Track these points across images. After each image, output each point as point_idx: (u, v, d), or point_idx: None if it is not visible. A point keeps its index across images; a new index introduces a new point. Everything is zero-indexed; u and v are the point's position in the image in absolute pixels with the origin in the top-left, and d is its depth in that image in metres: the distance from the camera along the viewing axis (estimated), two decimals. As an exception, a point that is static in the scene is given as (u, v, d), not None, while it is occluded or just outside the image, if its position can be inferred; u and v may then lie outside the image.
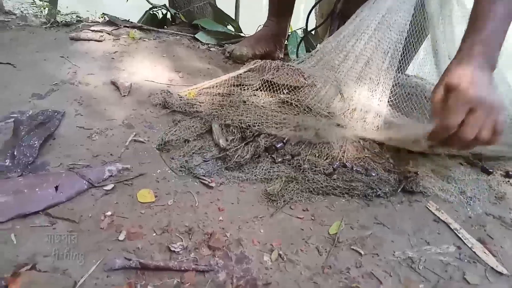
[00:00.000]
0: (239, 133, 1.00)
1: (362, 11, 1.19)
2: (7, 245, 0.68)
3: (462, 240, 0.82)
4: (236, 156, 0.93)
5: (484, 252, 0.79)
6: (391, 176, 0.94)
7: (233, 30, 2.08)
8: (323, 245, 0.77)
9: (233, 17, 2.42)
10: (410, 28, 1.18)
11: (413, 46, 1.24)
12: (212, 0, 2.20)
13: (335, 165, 0.93)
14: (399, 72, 1.21)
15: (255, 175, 0.92)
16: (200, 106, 1.08)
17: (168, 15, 2.04)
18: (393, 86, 1.15)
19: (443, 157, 1.04)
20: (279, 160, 0.95)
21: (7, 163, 0.86)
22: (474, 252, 0.79)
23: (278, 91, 1.11)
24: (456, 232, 0.84)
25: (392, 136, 1.01)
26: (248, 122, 0.99)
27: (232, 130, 1.01)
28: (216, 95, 1.13)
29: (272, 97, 1.11)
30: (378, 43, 1.13)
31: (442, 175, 0.98)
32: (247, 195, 0.88)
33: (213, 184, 0.89)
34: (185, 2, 2.11)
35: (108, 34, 1.47)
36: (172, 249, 0.72)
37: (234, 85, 1.16)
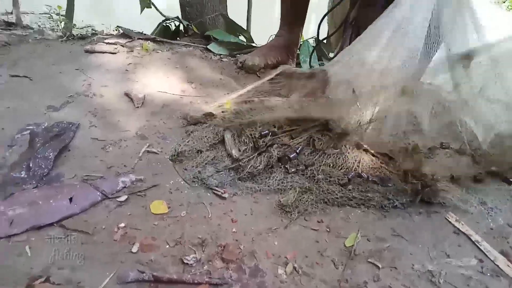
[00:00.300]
0: (251, 142, 0.99)
1: (378, 22, 1.18)
2: (22, 257, 0.69)
3: (484, 252, 0.79)
4: (249, 167, 0.93)
5: (508, 265, 0.76)
6: (408, 186, 0.91)
7: (245, 40, 2.09)
8: (339, 258, 0.75)
9: (245, 28, 2.43)
10: (426, 36, 1.17)
11: (428, 54, 1.22)
12: (224, 11, 2.22)
13: (350, 176, 0.91)
14: (415, 80, 1.19)
15: (268, 186, 0.91)
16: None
17: (181, 27, 2.06)
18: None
19: (462, 166, 1.02)
20: (293, 170, 0.93)
21: (22, 175, 0.87)
22: (497, 266, 0.76)
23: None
24: (477, 244, 0.81)
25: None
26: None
27: (244, 140, 1.01)
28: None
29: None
30: (394, 51, 1.12)
31: (461, 185, 0.95)
32: (261, 206, 0.87)
33: (226, 195, 0.88)
34: (197, 13, 2.13)
35: (122, 46, 1.49)
36: (185, 261, 0.71)
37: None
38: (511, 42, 1.12)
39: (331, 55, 2.20)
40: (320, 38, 1.75)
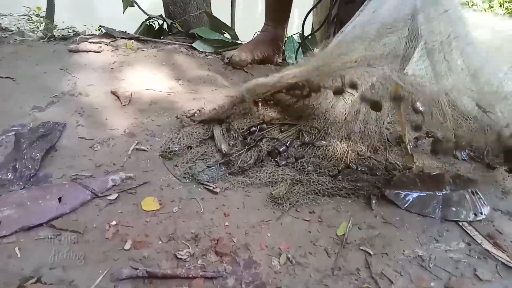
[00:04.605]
0: (241, 136, 0.99)
1: (359, 15, 1.20)
2: (12, 258, 0.68)
3: (471, 236, 0.81)
4: (239, 161, 0.93)
5: (494, 248, 0.79)
6: (397, 174, 0.93)
7: (230, 37, 2.08)
8: (332, 247, 0.76)
9: (229, 25, 2.42)
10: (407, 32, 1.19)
11: (410, 47, 1.25)
12: (208, 9, 2.21)
13: (340, 167, 0.92)
14: (399, 72, 1.22)
15: (259, 179, 0.91)
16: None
17: (165, 25, 2.04)
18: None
19: (448, 154, 1.04)
20: (283, 163, 0.94)
21: (9, 176, 0.86)
22: (484, 248, 0.79)
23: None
24: (464, 228, 0.83)
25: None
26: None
27: (233, 135, 1.01)
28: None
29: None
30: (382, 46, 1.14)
31: (447, 172, 0.97)
32: (253, 200, 0.87)
33: (217, 190, 0.88)
34: (181, 11, 2.12)
35: (107, 45, 1.47)
36: (179, 256, 0.71)
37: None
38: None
39: (316, 50, 2.22)
40: (305, 34, 1.77)
